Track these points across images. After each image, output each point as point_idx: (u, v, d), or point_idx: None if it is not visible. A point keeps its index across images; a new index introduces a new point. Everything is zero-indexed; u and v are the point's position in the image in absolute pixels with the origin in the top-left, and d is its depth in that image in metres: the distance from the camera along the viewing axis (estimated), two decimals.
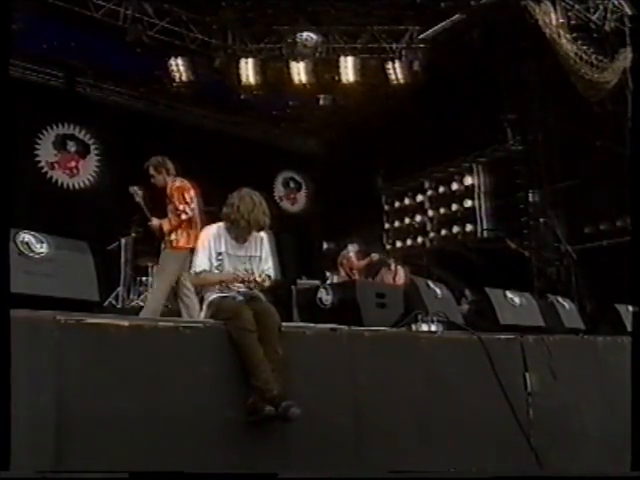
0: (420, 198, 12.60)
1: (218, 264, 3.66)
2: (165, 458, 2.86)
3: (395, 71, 10.54)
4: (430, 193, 12.43)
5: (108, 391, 2.77)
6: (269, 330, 3.32)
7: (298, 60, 10.32)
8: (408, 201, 12.87)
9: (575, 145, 9.67)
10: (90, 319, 2.84)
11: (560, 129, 10.11)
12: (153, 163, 5.81)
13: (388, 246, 12.86)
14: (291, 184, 14.12)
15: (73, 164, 10.91)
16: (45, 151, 10.66)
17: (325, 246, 13.11)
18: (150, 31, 9.73)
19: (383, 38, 10.55)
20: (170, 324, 3.21)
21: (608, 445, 4.61)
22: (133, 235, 8.25)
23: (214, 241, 3.70)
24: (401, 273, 8.80)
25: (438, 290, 5.12)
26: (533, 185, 10.60)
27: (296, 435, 3.24)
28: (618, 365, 4.51)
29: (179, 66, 10.35)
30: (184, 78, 10.42)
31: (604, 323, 6.39)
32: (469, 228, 11.56)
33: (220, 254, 3.66)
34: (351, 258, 8.85)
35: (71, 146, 10.98)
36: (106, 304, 7.63)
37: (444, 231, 12.10)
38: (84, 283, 3.30)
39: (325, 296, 4.74)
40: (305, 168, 14.13)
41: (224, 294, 3.61)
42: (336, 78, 10.59)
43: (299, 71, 10.40)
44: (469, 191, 11.66)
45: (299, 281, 9.11)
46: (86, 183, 10.87)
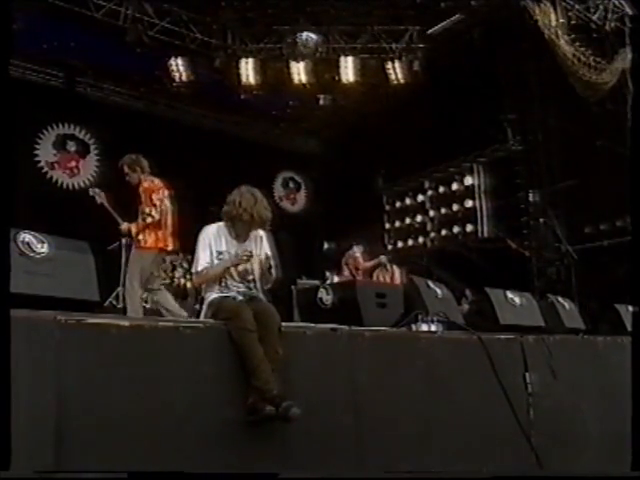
0: (421, 198, 12.61)
1: (219, 263, 3.67)
2: (165, 458, 2.86)
3: (395, 71, 10.56)
4: (431, 193, 12.43)
5: (108, 391, 2.77)
6: (269, 330, 3.32)
7: (298, 60, 10.33)
8: (409, 201, 12.88)
9: (575, 145, 9.67)
10: (90, 319, 2.84)
11: (560, 129, 10.12)
12: (127, 162, 5.78)
13: (389, 246, 12.87)
14: (291, 184, 14.12)
15: (73, 164, 10.93)
16: (45, 151, 10.67)
17: (325, 246, 13.13)
18: (150, 31, 9.74)
19: (383, 38, 10.57)
20: (170, 324, 3.21)
21: (608, 445, 4.61)
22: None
23: (214, 240, 3.69)
24: (397, 274, 8.79)
25: (438, 290, 5.11)
26: (533, 185, 10.61)
27: (296, 435, 3.23)
28: (618, 365, 4.50)
29: (179, 66, 10.36)
30: (184, 78, 10.44)
31: (604, 323, 6.38)
32: (470, 228, 11.57)
33: (221, 253, 3.66)
34: (358, 258, 8.84)
35: (71, 146, 10.99)
36: (106, 304, 7.63)
37: (445, 231, 12.11)
38: (84, 283, 3.29)
39: (325, 296, 4.74)
40: (305, 168, 14.14)
41: (224, 294, 3.61)
42: (336, 78, 10.61)
43: (299, 71, 10.41)
44: (469, 191, 11.67)
45: (299, 281, 9.12)
46: (86, 183, 10.87)
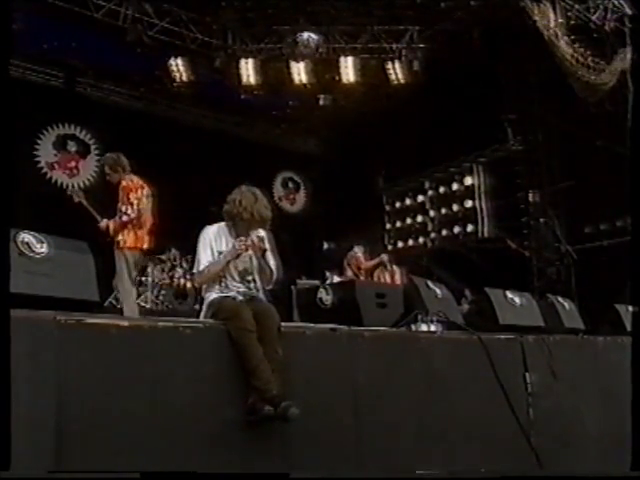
0: (421, 198, 12.63)
1: (219, 259, 3.66)
2: (165, 458, 2.86)
3: (395, 71, 10.55)
4: (431, 193, 12.45)
5: (108, 391, 2.77)
6: (269, 330, 3.32)
7: (298, 60, 10.33)
8: (409, 201, 12.89)
9: (575, 145, 9.68)
10: (90, 319, 2.84)
11: (560, 129, 10.12)
12: (108, 162, 5.82)
13: (389, 246, 12.87)
14: (290, 184, 14.12)
15: (73, 164, 10.92)
16: (45, 152, 10.67)
17: (325, 246, 13.12)
18: (150, 31, 9.75)
19: (383, 38, 10.57)
20: (170, 324, 3.21)
21: (608, 445, 4.61)
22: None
23: (215, 240, 3.70)
24: (398, 273, 8.79)
25: (438, 290, 5.11)
26: (533, 185, 10.62)
27: (296, 435, 3.23)
28: (618, 365, 4.50)
29: (179, 66, 10.36)
30: (184, 78, 10.44)
31: (604, 323, 6.38)
32: (470, 228, 11.57)
33: (221, 253, 3.66)
34: (359, 258, 8.83)
35: (71, 146, 10.99)
36: (106, 304, 7.64)
37: (445, 231, 12.12)
38: (84, 283, 3.29)
39: (325, 296, 4.73)
40: (305, 168, 14.14)
41: (224, 294, 3.61)
42: (336, 78, 10.61)
43: (299, 71, 10.41)
44: (469, 191, 11.68)
45: (299, 281, 9.12)
46: (86, 183, 10.87)
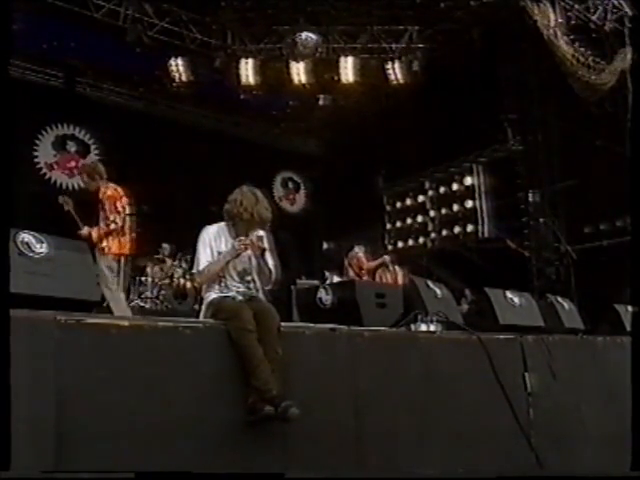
0: (421, 198, 12.63)
1: (218, 259, 3.66)
2: (165, 458, 2.86)
3: (395, 71, 10.56)
4: (431, 193, 12.45)
5: (108, 391, 2.77)
6: (269, 330, 3.32)
7: (298, 60, 10.33)
8: (409, 201, 12.89)
9: (575, 145, 9.67)
10: (90, 319, 2.84)
11: (560, 129, 10.12)
12: (87, 170, 6.02)
13: (390, 246, 12.87)
14: (290, 184, 14.12)
15: (73, 164, 10.92)
16: (44, 152, 10.67)
17: (325, 246, 13.12)
18: (150, 31, 9.75)
19: (383, 38, 10.57)
20: (170, 324, 3.21)
21: (608, 445, 4.61)
22: (133, 235, 8.24)
23: (214, 240, 3.70)
24: (400, 274, 8.80)
25: (438, 290, 5.11)
26: (533, 185, 10.62)
27: (296, 435, 3.23)
28: (618, 365, 4.51)
29: (179, 66, 10.36)
30: (184, 78, 10.44)
31: (604, 323, 6.38)
32: (470, 228, 11.57)
33: (221, 253, 3.66)
34: (361, 258, 8.83)
35: (71, 146, 10.99)
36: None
37: (445, 231, 12.11)
38: (84, 283, 3.29)
39: (325, 296, 4.73)
40: (304, 168, 14.14)
41: (224, 294, 3.61)
42: (336, 78, 10.61)
43: (299, 71, 10.41)
44: (470, 191, 11.68)
45: (299, 281, 9.11)
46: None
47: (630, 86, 8.42)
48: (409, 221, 12.84)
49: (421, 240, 12.54)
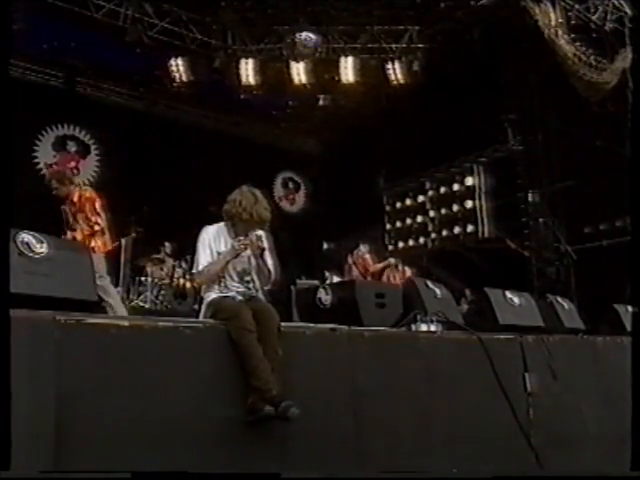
0: (421, 198, 12.61)
1: (218, 259, 3.66)
2: (165, 458, 2.86)
3: (395, 71, 10.56)
4: (431, 194, 12.43)
5: (108, 391, 2.77)
6: (269, 330, 3.32)
7: (298, 60, 10.33)
8: (409, 201, 12.88)
9: (575, 145, 9.67)
10: (90, 319, 2.84)
11: (560, 129, 10.12)
12: (56, 177, 6.09)
13: (390, 246, 12.87)
14: (290, 184, 14.13)
15: (73, 164, 10.92)
16: (44, 152, 10.67)
17: (325, 246, 13.12)
18: (150, 31, 9.75)
19: (383, 38, 10.57)
20: (170, 324, 3.21)
21: (608, 445, 4.61)
22: (133, 235, 8.27)
23: (214, 241, 3.70)
24: (408, 273, 8.80)
25: (437, 290, 5.10)
26: (533, 185, 10.62)
27: (296, 435, 3.23)
28: (618, 365, 4.51)
29: (179, 66, 10.36)
30: (184, 78, 10.44)
31: (604, 323, 6.38)
32: (470, 228, 11.56)
33: (220, 253, 3.66)
34: (367, 260, 8.81)
35: (71, 146, 11.00)
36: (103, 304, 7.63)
37: (445, 231, 12.10)
38: (84, 283, 3.28)
39: (325, 296, 4.73)
40: (304, 168, 14.14)
41: (223, 294, 3.61)
42: (336, 78, 10.61)
43: (299, 71, 10.41)
44: (470, 191, 11.66)
45: (299, 281, 9.12)
46: (86, 183, 10.86)
47: (631, 86, 8.43)
48: (409, 221, 12.82)
49: (421, 240, 12.52)
